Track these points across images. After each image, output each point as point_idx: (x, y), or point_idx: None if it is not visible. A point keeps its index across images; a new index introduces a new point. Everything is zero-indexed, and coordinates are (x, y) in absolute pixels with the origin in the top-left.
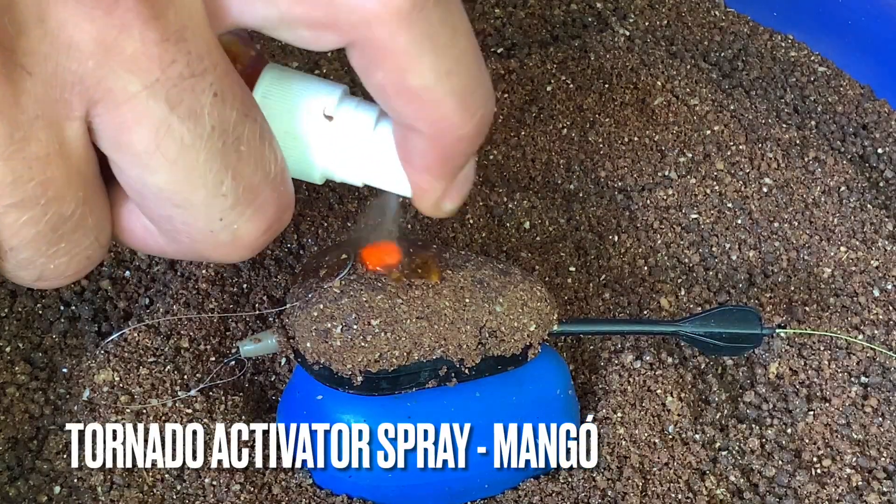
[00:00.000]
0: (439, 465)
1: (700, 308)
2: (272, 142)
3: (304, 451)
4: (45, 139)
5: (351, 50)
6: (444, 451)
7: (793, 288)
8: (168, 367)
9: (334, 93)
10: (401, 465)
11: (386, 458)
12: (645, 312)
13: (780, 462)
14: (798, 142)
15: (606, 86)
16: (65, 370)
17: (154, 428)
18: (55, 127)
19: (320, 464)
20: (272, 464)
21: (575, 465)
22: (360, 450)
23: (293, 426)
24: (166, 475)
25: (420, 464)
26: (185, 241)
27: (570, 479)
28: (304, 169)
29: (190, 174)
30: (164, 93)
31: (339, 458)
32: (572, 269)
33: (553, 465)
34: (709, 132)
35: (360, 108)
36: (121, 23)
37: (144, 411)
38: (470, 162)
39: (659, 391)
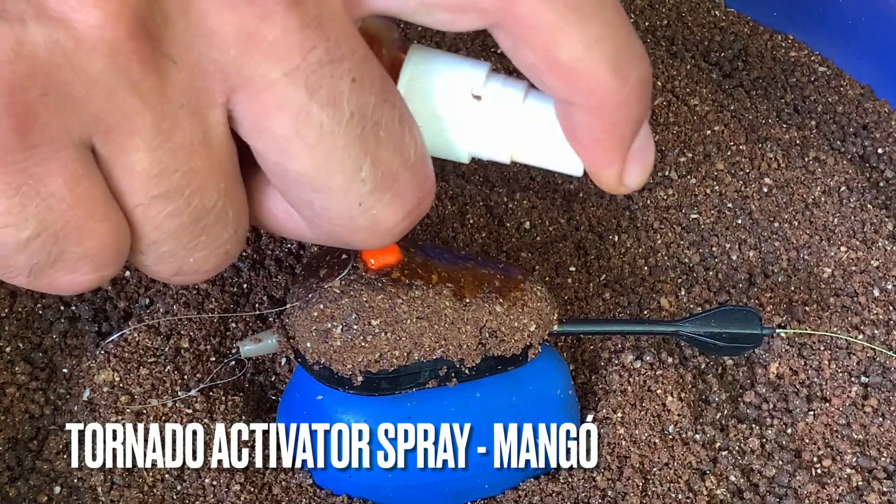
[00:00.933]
0: (439, 465)
1: (700, 308)
2: (412, 126)
3: (304, 451)
4: (190, 128)
5: (495, 31)
6: (444, 451)
7: (793, 288)
8: (168, 367)
9: (481, 71)
10: (401, 465)
11: (386, 459)
12: (645, 312)
13: (781, 462)
14: (798, 142)
15: None
16: (65, 370)
17: (154, 428)
18: (199, 116)
19: (320, 464)
20: (272, 464)
21: (575, 465)
22: (360, 450)
23: (293, 426)
24: (166, 475)
25: (420, 464)
26: (324, 226)
27: (570, 479)
28: (452, 149)
29: (329, 160)
30: (303, 79)
31: (339, 459)
32: (572, 269)
33: (553, 465)
34: (709, 132)
35: (507, 85)
36: (262, 11)
37: (144, 411)
38: (644, 132)
39: (659, 391)
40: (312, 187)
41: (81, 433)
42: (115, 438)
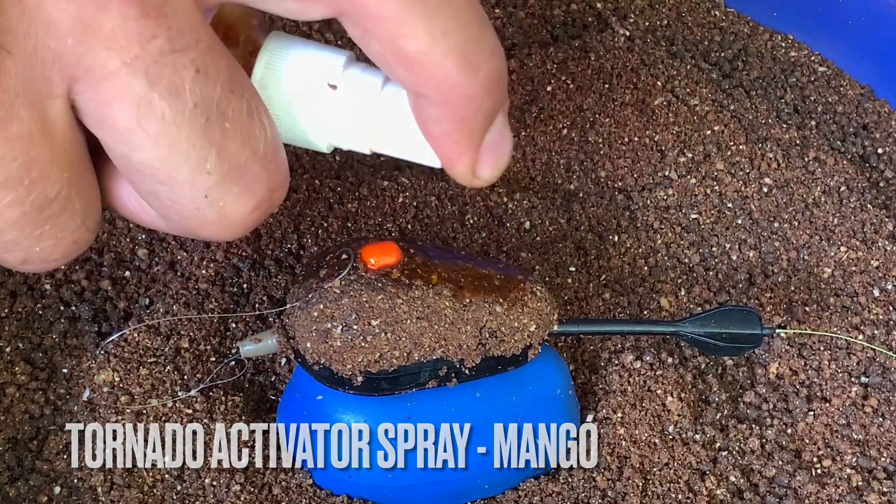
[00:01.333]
0: (439, 465)
1: (700, 308)
2: (262, 117)
3: (304, 451)
4: (27, 118)
5: (343, 20)
6: (444, 451)
7: (793, 288)
8: (168, 367)
9: (338, 59)
10: (401, 465)
11: (386, 459)
12: (645, 312)
13: (781, 462)
14: (798, 142)
15: (606, 86)
16: (65, 370)
17: (154, 428)
18: (37, 106)
19: (320, 464)
20: (272, 464)
21: (575, 465)
22: (360, 450)
23: (293, 426)
24: (166, 475)
25: (420, 464)
26: (174, 218)
27: (570, 479)
28: (310, 139)
29: (172, 151)
30: (143, 69)
31: (339, 459)
32: (572, 269)
33: (553, 465)
34: (709, 132)
35: (365, 74)
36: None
37: (144, 411)
38: (497, 126)
39: (659, 391)
40: (157, 179)
41: (81, 433)
42: (115, 438)
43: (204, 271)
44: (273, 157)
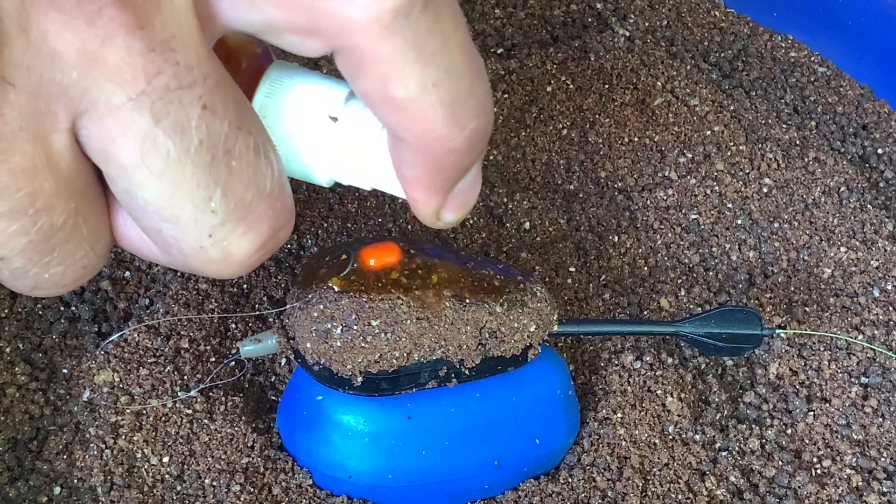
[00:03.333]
0: (439, 465)
1: (700, 308)
2: (269, 154)
3: (303, 451)
4: (31, 151)
5: (336, 56)
6: (444, 451)
7: (793, 288)
8: (168, 367)
9: (340, 93)
10: (401, 465)
11: (386, 459)
12: (645, 313)
13: (781, 462)
14: (798, 142)
15: (606, 86)
16: (65, 371)
17: (154, 428)
18: (41, 139)
19: (320, 464)
20: (272, 464)
21: (575, 465)
22: (361, 450)
23: (293, 427)
24: (166, 475)
25: (420, 464)
26: (176, 256)
27: (570, 479)
28: (309, 172)
29: (176, 189)
30: (149, 105)
31: (339, 459)
32: (572, 269)
33: (553, 465)
34: (709, 132)
35: (367, 109)
36: (104, 33)
37: (144, 412)
38: (471, 174)
39: (659, 392)
40: (161, 216)
41: (82, 433)
42: (115, 439)
43: None
44: (279, 194)
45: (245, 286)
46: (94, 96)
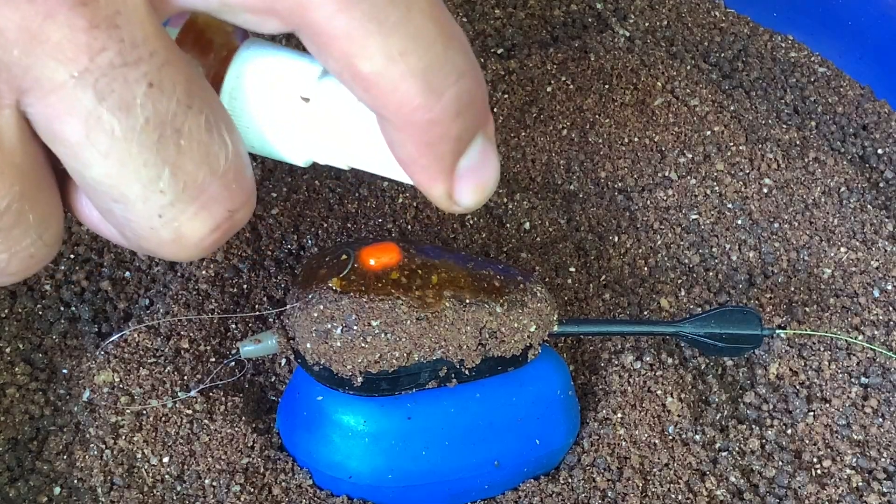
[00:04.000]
0: (439, 465)
1: (700, 309)
2: (225, 133)
3: (303, 451)
4: None
5: (299, 36)
6: (444, 451)
7: (793, 288)
8: (168, 367)
9: (313, 69)
10: (401, 465)
11: (385, 459)
12: (645, 313)
13: (781, 463)
14: (798, 142)
15: (606, 86)
16: (65, 371)
17: (154, 428)
18: None
19: (320, 464)
20: (272, 464)
21: (575, 466)
22: (361, 450)
23: (293, 427)
24: (166, 475)
25: (420, 464)
26: (130, 236)
27: (570, 480)
28: (283, 153)
29: (123, 168)
30: (92, 82)
31: (340, 459)
32: (572, 269)
33: (553, 465)
34: (709, 133)
35: (341, 86)
36: (45, 9)
37: (144, 412)
38: (475, 149)
39: (659, 392)
40: (110, 196)
41: (82, 434)
42: (115, 439)
43: (204, 272)
44: (236, 175)
45: (245, 286)
46: (36, 73)
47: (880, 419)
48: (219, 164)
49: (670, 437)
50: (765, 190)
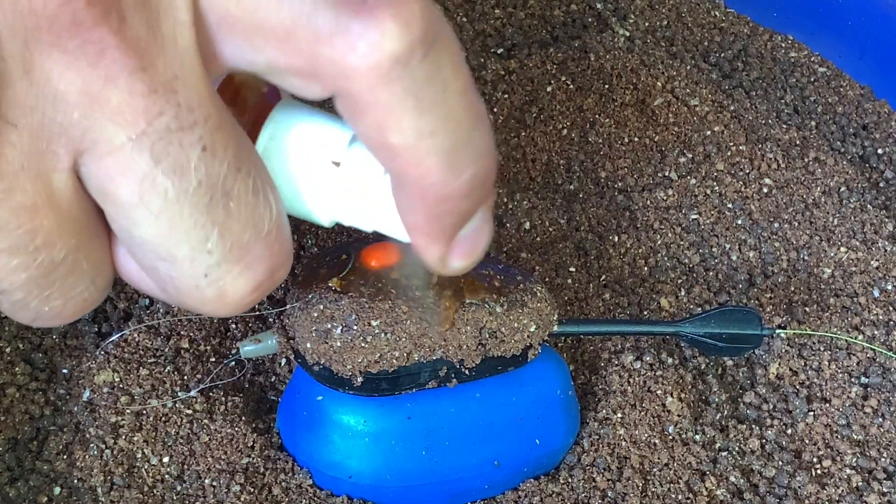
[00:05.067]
0: (439, 465)
1: (700, 308)
2: (269, 195)
3: (304, 451)
4: (32, 190)
5: (336, 99)
6: (444, 451)
7: (793, 288)
8: (168, 367)
9: (344, 135)
10: (401, 465)
11: (386, 459)
12: (645, 313)
13: (781, 462)
14: (798, 142)
15: (606, 86)
16: (65, 371)
17: (154, 428)
18: (42, 177)
19: (320, 464)
20: (272, 464)
21: (575, 465)
22: (361, 450)
23: (293, 427)
24: (166, 475)
25: (420, 464)
26: (171, 293)
27: (570, 480)
28: (311, 213)
29: (173, 229)
30: (149, 146)
31: (340, 459)
32: (572, 269)
33: (553, 465)
34: (709, 132)
35: (370, 154)
36: (106, 74)
37: (144, 412)
38: (476, 220)
39: (659, 392)
40: (158, 255)
41: (82, 434)
42: (115, 439)
43: None
44: (277, 236)
45: None
46: (94, 136)
47: (880, 419)
48: (263, 225)
49: (670, 437)
50: (765, 190)
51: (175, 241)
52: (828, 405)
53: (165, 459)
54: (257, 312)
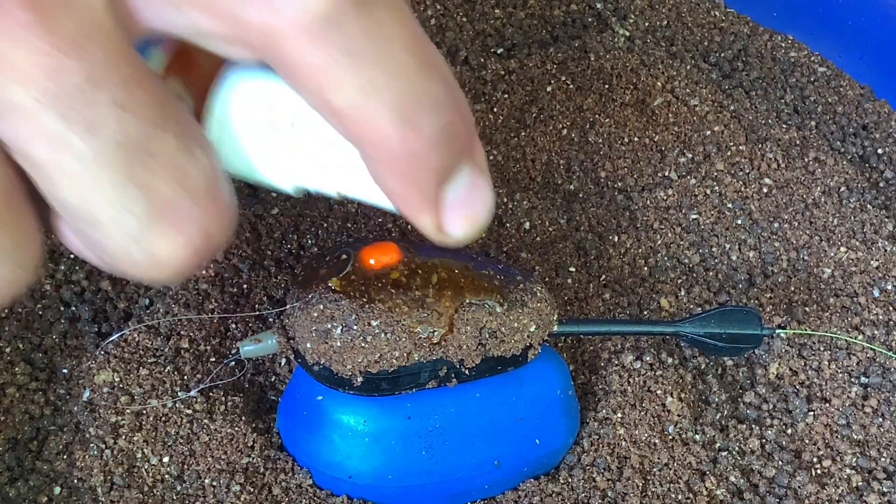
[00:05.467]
0: (439, 465)
1: (700, 308)
2: (200, 154)
3: (303, 451)
4: None
5: (272, 67)
6: (444, 451)
7: (793, 288)
8: (168, 367)
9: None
10: (401, 465)
11: (386, 459)
12: (645, 313)
13: (781, 462)
14: (798, 142)
15: (606, 86)
16: (65, 371)
17: (154, 428)
18: None
19: (320, 464)
20: (272, 464)
21: (575, 465)
22: (361, 450)
23: (293, 427)
24: (166, 475)
25: (420, 464)
26: (108, 261)
27: (570, 480)
28: (271, 179)
29: (93, 191)
30: (58, 106)
31: (339, 459)
32: (572, 269)
33: (553, 465)
34: (709, 132)
35: None
36: (7, 33)
37: (144, 412)
38: (461, 181)
39: (659, 391)
40: (84, 220)
41: (82, 433)
42: (115, 438)
43: (204, 272)
44: (211, 196)
45: (245, 286)
46: (3, 97)
47: (880, 419)
48: (193, 185)
49: (670, 437)
50: (765, 190)
51: (96, 204)
52: (828, 405)
53: (165, 459)
54: (257, 312)
